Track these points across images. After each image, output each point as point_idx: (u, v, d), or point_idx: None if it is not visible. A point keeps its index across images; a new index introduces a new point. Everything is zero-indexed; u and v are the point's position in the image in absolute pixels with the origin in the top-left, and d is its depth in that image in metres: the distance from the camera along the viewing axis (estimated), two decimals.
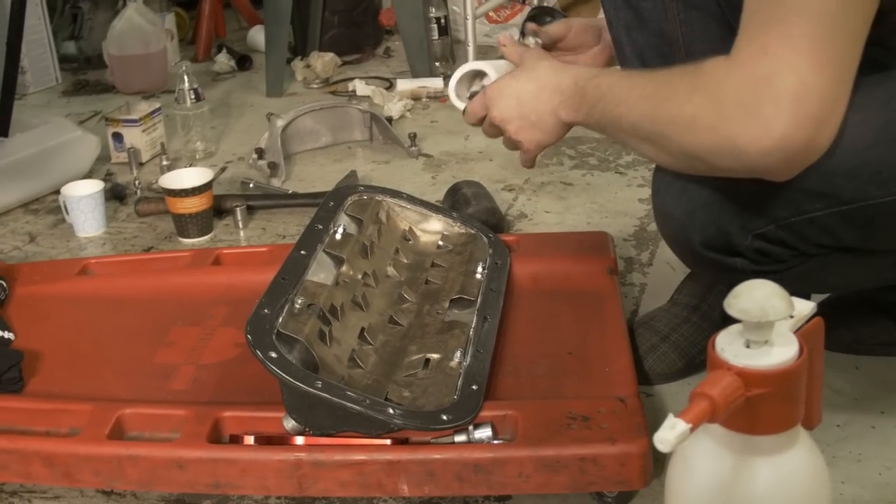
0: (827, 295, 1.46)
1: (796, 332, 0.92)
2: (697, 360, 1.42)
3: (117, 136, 2.38)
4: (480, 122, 1.33)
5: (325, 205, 1.47)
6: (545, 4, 3.29)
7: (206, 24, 3.34)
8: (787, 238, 1.08)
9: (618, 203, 2.01)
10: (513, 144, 1.31)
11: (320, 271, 1.32)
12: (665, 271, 1.69)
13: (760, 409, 0.88)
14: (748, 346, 0.90)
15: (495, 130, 1.31)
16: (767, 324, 0.88)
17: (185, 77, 2.36)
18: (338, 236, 1.40)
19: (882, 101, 1.05)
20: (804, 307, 0.94)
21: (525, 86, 1.25)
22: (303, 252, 1.33)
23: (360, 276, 1.36)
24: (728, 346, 0.90)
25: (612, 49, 1.36)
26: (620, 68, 1.34)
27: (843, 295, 1.46)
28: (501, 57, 1.37)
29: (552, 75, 1.24)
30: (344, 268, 1.35)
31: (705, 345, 0.90)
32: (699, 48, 1.17)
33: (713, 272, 1.22)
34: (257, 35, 3.30)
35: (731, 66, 0.96)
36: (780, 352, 0.89)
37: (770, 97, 0.92)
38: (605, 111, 1.12)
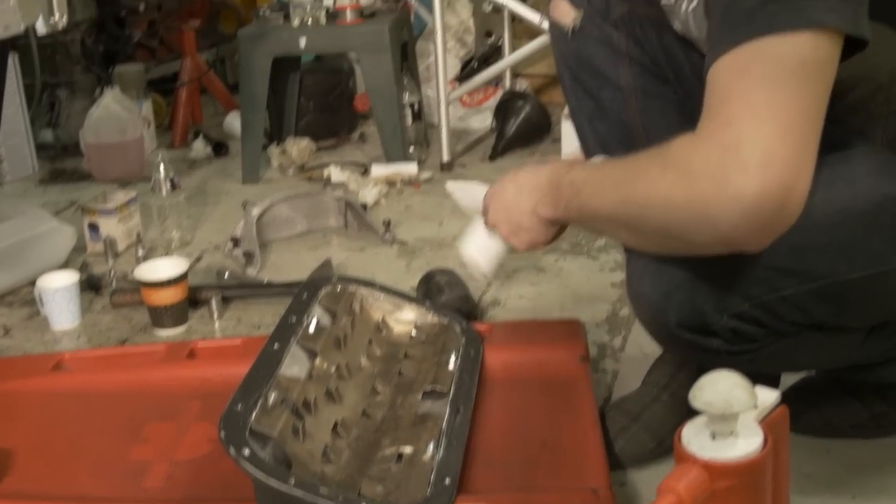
0: (798, 377, 1.47)
1: (761, 421, 0.94)
2: (668, 440, 1.43)
3: (93, 227, 2.39)
4: None
5: (299, 297, 1.48)
6: (517, 89, 3.35)
7: (182, 110, 3.38)
8: (761, 317, 1.11)
9: (590, 288, 2.03)
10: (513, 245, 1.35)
11: (294, 364, 1.33)
12: (638, 357, 1.70)
13: (728, 502, 0.89)
14: (714, 438, 0.91)
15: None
16: (732, 415, 0.90)
17: (161, 166, 2.38)
18: (311, 329, 1.41)
19: (846, 180, 1.08)
20: (768, 397, 0.96)
21: (507, 189, 1.30)
22: (276, 346, 1.33)
23: (333, 369, 1.37)
24: (694, 437, 0.92)
25: None
26: (584, 158, 1.38)
27: (813, 378, 1.48)
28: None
29: (530, 176, 1.27)
30: (317, 361, 1.35)
31: (675, 424, 0.92)
32: (660, 135, 1.20)
33: (689, 353, 1.24)
34: (234, 121, 3.33)
35: (697, 140, 0.98)
36: (746, 443, 0.90)
37: (737, 166, 0.94)
38: (582, 205, 1.14)
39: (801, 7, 0.95)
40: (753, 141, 0.94)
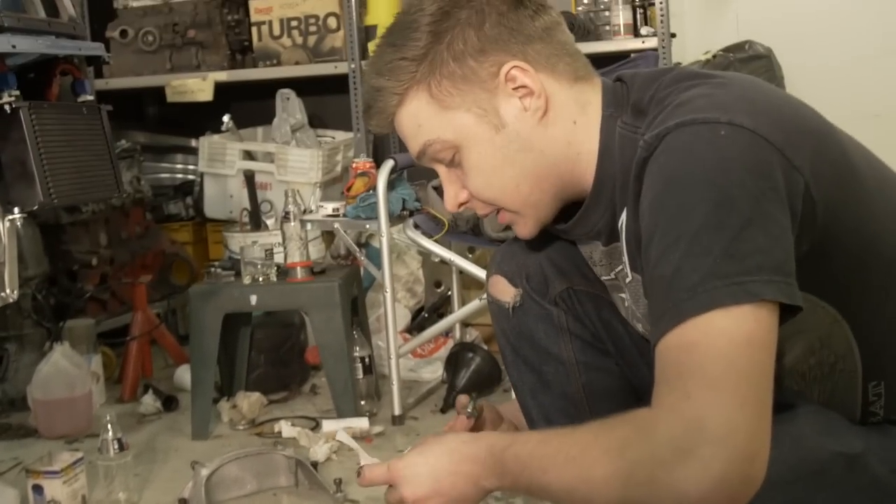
0: None
1: None
2: None
3: (38, 489, 2.34)
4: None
5: None
6: (467, 339, 3.40)
7: (133, 364, 3.38)
8: None
9: None
10: None
11: None
12: None
13: None
14: None
15: None
16: None
17: (109, 426, 2.36)
18: None
19: (794, 438, 1.11)
20: None
21: (438, 461, 1.23)
22: None
23: None
24: None
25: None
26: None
27: None
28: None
29: (464, 447, 1.23)
30: None
31: None
32: (604, 407, 1.23)
33: None
34: (184, 374, 3.32)
35: (657, 415, 1.01)
36: None
37: (703, 439, 0.97)
38: (532, 479, 1.13)
39: (741, 282, 1.01)
40: (715, 414, 0.97)
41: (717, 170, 1.08)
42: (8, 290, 2.17)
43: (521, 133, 1.29)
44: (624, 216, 1.28)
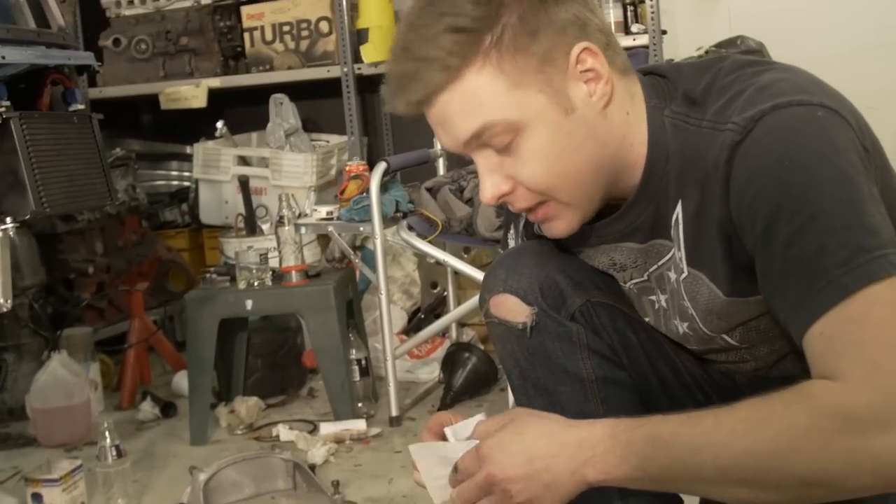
0: None
1: None
2: None
3: (37, 497, 2.35)
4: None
5: None
6: (463, 339, 3.40)
7: (130, 371, 3.39)
8: None
9: None
10: None
11: None
12: None
13: None
14: None
15: (480, 493, 1.14)
16: None
17: (107, 434, 2.37)
18: None
19: None
20: None
21: (536, 441, 1.13)
22: None
23: None
24: None
25: None
26: None
27: None
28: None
29: (571, 428, 1.14)
30: None
31: None
32: None
33: None
34: (182, 381, 3.33)
35: (850, 387, 1.00)
36: None
37: None
38: (673, 461, 1.06)
39: (883, 254, 1.03)
40: None
41: (829, 149, 1.09)
42: (2, 300, 2.18)
43: (587, 119, 1.22)
44: (679, 209, 1.25)
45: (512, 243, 1.56)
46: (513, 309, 1.43)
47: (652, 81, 1.30)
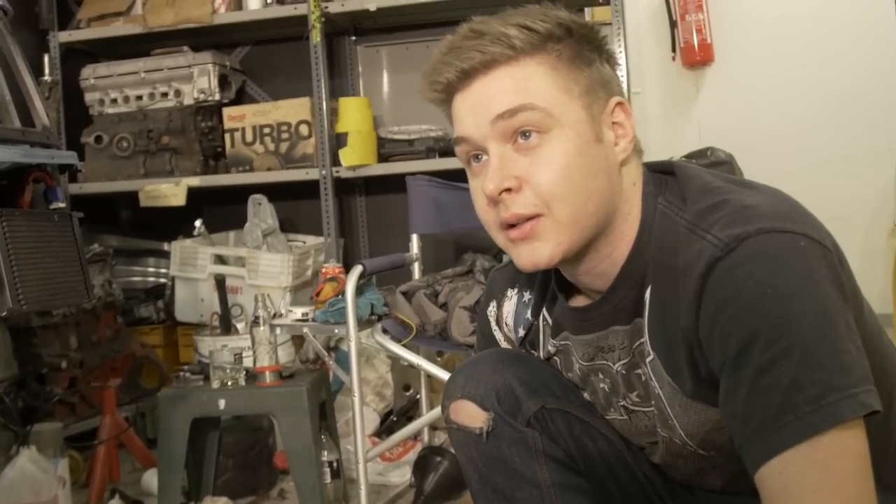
0: None
1: None
2: None
3: None
4: None
5: None
6: (434, 443, 3.41)
7: (100, 468, 3.36)
8: None
9: None
10: None
11: None
12: None
13: None
14: None
15: None
16: None
17: None
18: None
19: None
20: None
21: None
22: None
23: None
24: None
25: None
26: None
27: None
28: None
29: None
30: None
31: None
32: None
33: None
34: (151, 479, 3.30)
35: None
36: None
37: None
38: None
39: (853, 394, 1.06)
40: None
41: (809, 282, 1.12)
42: None
43: (608, 159, 1.30)
44: (648, 293, 1.29)
45: (493, 322, 1.59)
46: (470, 414, 1.46)
47: (651, 173, 1.36)
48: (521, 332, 1.54)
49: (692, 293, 1.18)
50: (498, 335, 1.60)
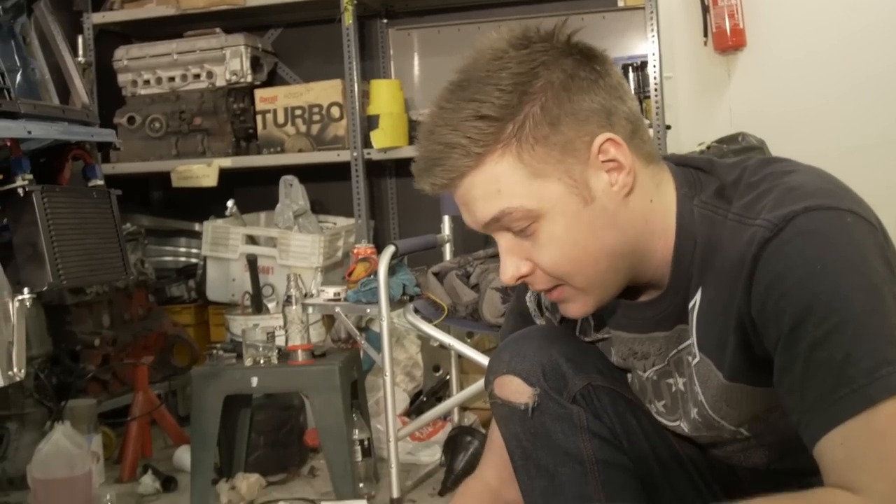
0: None
1: None
2: None
3: None
4: None
5: None
6: (465, 423, 3.43)
7: (132, 444, 3.40)
8: None
9: None
10: None
11: None
12: None
13: None
14: None
15: None
16: None
17: None
18: None
19: None
20: None
21: None
22: None
23: None
24: None
25: None
26: None
27: None
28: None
29: None
30: None
31: None
32: None
33: None
34: (184, 455, 3.34)
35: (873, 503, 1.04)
36: None
37: None
38: None
39: None
40: None
41: (858, 257, 1.13)
42: (15, 369, 2.22)
43: (607, 208, 1.25)
44: (698, 296, 1.29)
45: (533, 309, 1.60)
46: (516, 390, 1.47)
47: (685, 172, 1.34)
48: (559, 318, 1.55)
49: (746, 276, 1.19)
50: (538, 321, 1.60)
